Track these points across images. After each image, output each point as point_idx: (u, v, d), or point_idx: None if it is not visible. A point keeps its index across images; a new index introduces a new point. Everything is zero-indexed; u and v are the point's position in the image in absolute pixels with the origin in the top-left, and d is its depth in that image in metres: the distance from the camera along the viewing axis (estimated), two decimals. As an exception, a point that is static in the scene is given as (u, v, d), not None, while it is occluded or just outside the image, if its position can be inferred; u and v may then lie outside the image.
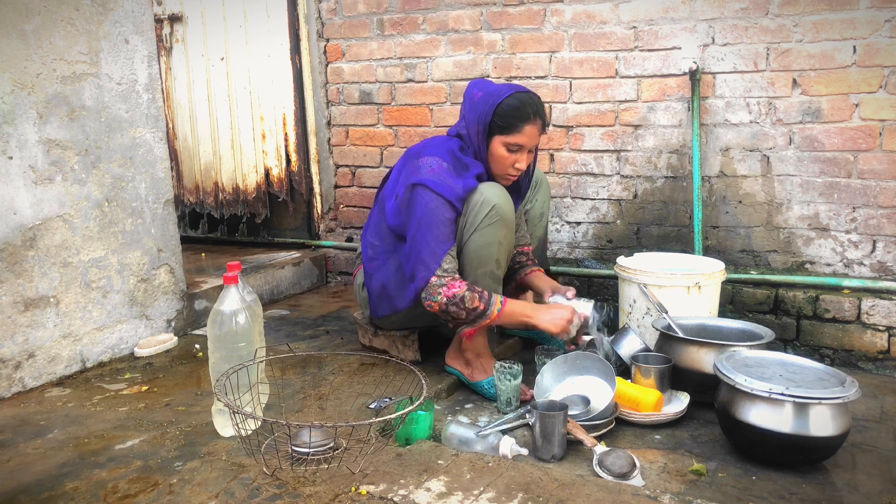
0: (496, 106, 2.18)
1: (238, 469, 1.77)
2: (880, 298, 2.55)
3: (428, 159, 2.20)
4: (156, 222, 2.73)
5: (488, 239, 2.18)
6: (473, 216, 2.17)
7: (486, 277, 2.22)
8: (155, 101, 2.71)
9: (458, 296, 2.12)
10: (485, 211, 2.15)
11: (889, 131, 2.54)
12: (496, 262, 2.22)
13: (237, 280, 1.95)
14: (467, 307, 2.13)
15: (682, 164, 2.88)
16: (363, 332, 2.61)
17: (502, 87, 2.21)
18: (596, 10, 2.93)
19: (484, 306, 2.14)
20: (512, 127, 2.17)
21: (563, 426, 1.88)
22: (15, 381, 2.28)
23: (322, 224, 3.78)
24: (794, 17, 2.61)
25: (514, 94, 2.19)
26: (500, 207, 2.17)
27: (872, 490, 1.74)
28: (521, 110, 2.17)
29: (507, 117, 2.17)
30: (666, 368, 2.14)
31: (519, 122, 2.17)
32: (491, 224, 2.16)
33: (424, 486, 1.67)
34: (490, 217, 2.15)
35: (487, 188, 2.19)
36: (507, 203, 2.20)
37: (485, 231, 2.17)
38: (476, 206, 2.16)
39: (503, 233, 2.20)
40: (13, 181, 2.25)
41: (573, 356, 2.23)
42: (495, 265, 2.22)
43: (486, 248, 2.18)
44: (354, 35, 3.48)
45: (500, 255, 2.23)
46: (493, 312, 2.15)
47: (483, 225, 2.16)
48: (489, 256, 2.19)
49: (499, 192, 2.19)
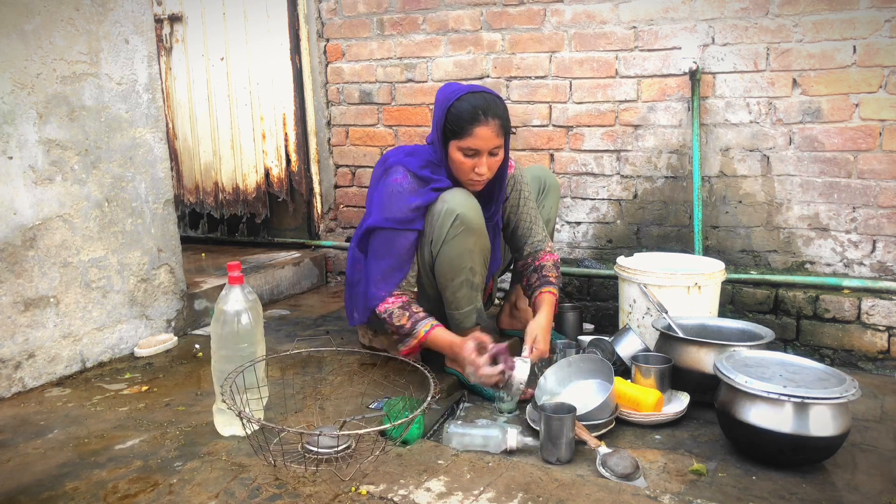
0: (447, 111, 2.12)
1: (238, 469, 1.77)
2: (880, 298, 2.55)
3: (393, 177, 2.21)
4: (156, 222, 2.73)
5: (458, 250, 2.15)
6: (438, 229, 2.14)
7: (462, 287, 2.21)
8: (155, 101, 2.71)
9: (388, 310, 2.18)
10: (449, 221, 2.12)
11: (889, 131, 2.54)
12: (470, 269, 2.19)
13: (242, 280, 1.95)
14: (395, 323, 2.18)
15: (682, 164, 2.89)
16: (363, 332, 2.61)
17: (457, 90, 2.14)
18: (596, 10, 2.93)
19: (410, 325, 2.18)
20: (462, 131, 2.09)
21: (571, 430, 1.84)
22: (15, 381, 2.28)
23: (322, 224, 3.78)
24: (794, 17, 2.61)
25: (463, 95, 2.10)
26: (464, 215, 2.11)
27: (872, 490, 1.74)
28: (470, 113, 2.08)
29: (457, 121, 2.09)
30: (666, 368, 2.14)
31: (468, 125, 2.08)
32: (457, 235, 2.13)
33: (424, 486, 1.67)
34: (455, 228, 2.12)
35: (450, 196, 2.14)
36: (472, 209, 2.14)
37: (452, 243, 2.14)
38: (439, 218, 2.13)
39: (472, 240, 2.15)
40: (13, 181, 2.25)
41: (577, 359, 2.22)
42: (469, 273, 2.19)
43: (457, 259, 2.16)
44: (354, 35, 3.48)
45: (474, 262, 2.19)
46: (420, 333, 2.18)
47: (449, 237, 2.13)
48: (461, 267, 2.17)
49: (462, 199, 2.14)
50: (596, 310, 3.03)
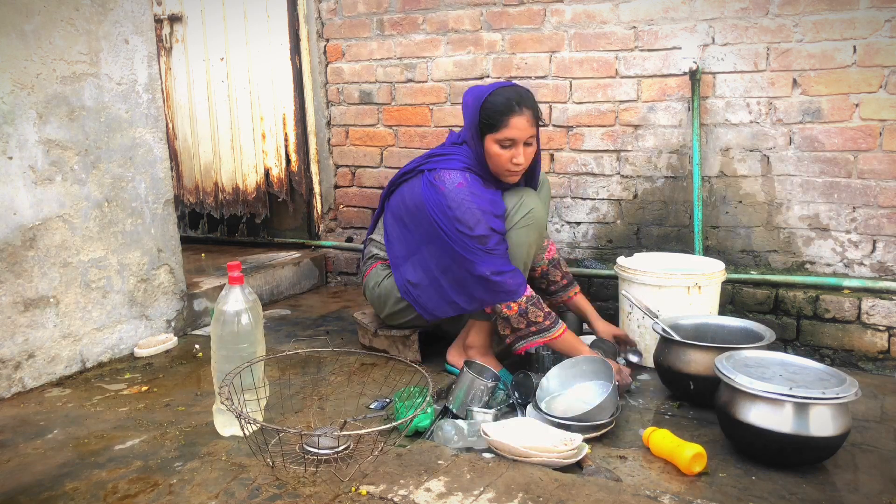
0: (480, 106, 2.19)
1: (238, 469, 1.77)
2: (880, 298, 2.54)
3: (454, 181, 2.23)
4: (155, 222, 2.73)
5: (522, 239, 2.23)
6: (512, 215, 2.23)
7: None
8: (155, 101, 2.71)
9: (534, 296, 2.21)
10: (523, 212, 2.22)
11: (889, 131, 2.54)
12: (524, 264, 2.26)
13: (242, 280, 1.95)
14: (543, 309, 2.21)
15: (682, 164, 2.88)
16: (363, 332, 2.62)
17: (487, 88, 2.23)
18: (596, 10, 2.93)
19: (550, 323, 2.22)
20: (498, 123, 2.17)
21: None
22: (15, 382, 2.28)
23: (322, 224, 3.78)
24: (794, 17, 2.61)
25: (496, 90, 2.20)
26: (537, 212, 2.24)
27: (872, 490, 1.74)
28: (504, 105, 2.17)
29: (492, 114, 2.18)
30: None
31: (504, 117, 2.17)
32: (527, 226, 2.23)
33: (424, 487, 1.67)
34: (527, 219, 2.22)
35: (526, 193, 2.26)
36: (543, 209, 2.29)
37: (520, 231, 2.23)
38: (515, 206, 2.23)
39: (535, 236, 2.26)
40: (13, 181, 2.25)
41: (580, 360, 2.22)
42: (522, 267, 2.26)
43: (518, 248, 2.23)
44: (354, 35, 3.48)
45: (528, 258, 2.28)
46: (558, 330, 2.23)
47: (520, 225, 2.22)
48: (519, 257, 2.24)
49: (536, 199, 2.27)
50: (596, 310, 3.02)
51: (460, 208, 2.18)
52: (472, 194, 2.20)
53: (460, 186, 2.20)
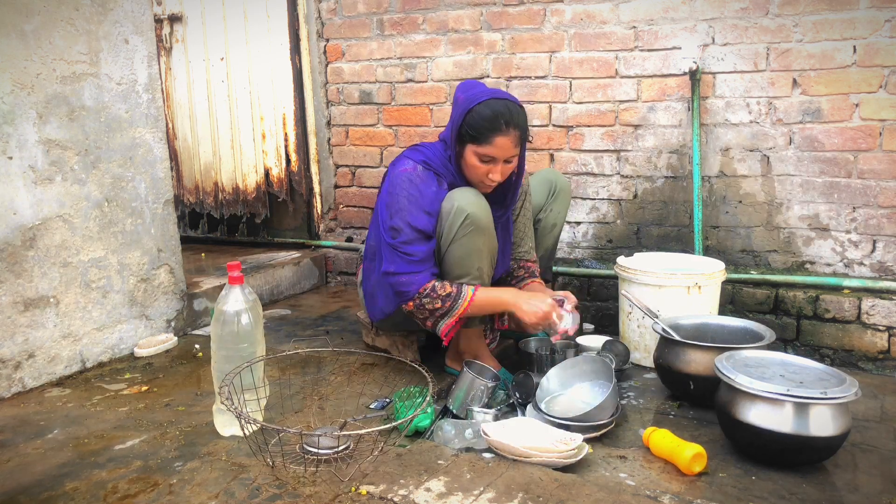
0: (466, 113, 2.09)
1: (238, 469, 1.77)
2: (880, 298, 2.54)
3: (403, 165, 2.19)
4: (155, 222, 2.73)
5: (467, 249, 2.13)
6: (448, 226, 2.11)
7: None
8: (155, 101, 2.71)
9: (429, 287, 2.11)
10: (459, 220, 2.09)
11: (889, 131, 2.54)
12: (478, 269, 2.17)
13: (242, 280, 1.95)
14: (440, 294, 2.11)
15: (682, 164, 2.88)
16: (366, 331, 2.62)
17: (480, 93, 2.11)
18: (596, 10, 2.93)
19: (456, 290, 2.12)
20: (481, 137, 2.07)
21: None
22: (15, 382, 2.28)
23: (322, 224, 3.78)
24: (794, 17, 2.61)
25: (486, 101, 2.08)
26: (475, 215, 2.09)
27: (872, 490, 1.74)
28: (491, 121, 2.06)
29: (477, 126, 2.07)
30: None
31: (489, 133, 2.06)
32: (467, 234, 2.10)
33: (424, 487, 1.67)
34: (465, 227, 2.09)
35: (459, 194, 2.12)
36: (482, 208, 2.12)
37: (462, 242, 2.11)
38: (450, 216, 2.10)
39: (481, 240, 2.13)
40: (13, 181, 2.25)
41: (580, 360, 2.22)
42: (477, 272, 2.18)
43: (466, 258, 2.14)
44: (354, 35, 3.48)
45: (482, 262, 2.17)
46: (468, 295, 2.12)
47: (459, 236, 2.11)
48: (470, 266, 2.16)
49: (472, 199, 2.11)
50: (596, 310, 3.03)
51: (392, 194, 2.14)
52: (410, 183, 2.12)
53: (404, 172, 2.15)
